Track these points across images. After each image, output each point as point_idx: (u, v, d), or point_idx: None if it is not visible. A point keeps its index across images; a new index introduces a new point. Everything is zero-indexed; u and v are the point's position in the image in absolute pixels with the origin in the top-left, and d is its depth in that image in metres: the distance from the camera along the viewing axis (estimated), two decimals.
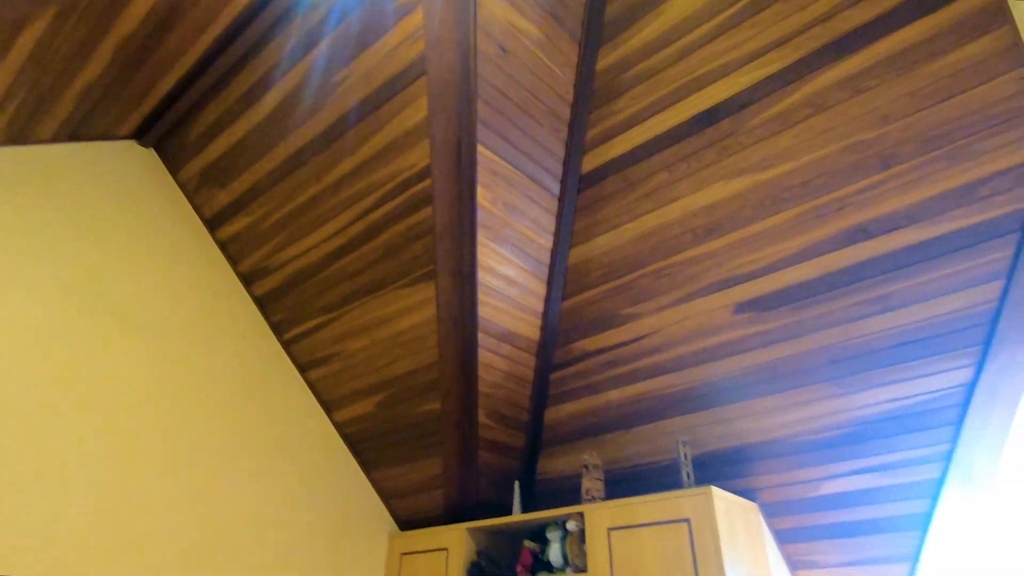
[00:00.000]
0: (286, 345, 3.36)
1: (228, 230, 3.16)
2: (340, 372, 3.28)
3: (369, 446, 3.43)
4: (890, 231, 2.19)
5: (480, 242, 2.59)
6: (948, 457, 2.35)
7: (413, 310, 2.88)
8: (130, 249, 2.86)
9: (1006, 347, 2.14)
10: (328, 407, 3.44)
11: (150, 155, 3.12)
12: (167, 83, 2.65)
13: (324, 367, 3.31)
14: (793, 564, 2.76)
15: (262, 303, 3.30)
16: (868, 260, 2.26)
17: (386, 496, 3.55)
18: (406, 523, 3.58)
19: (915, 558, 2.48)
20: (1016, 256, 2.05)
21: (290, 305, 3.22)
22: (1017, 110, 1.94)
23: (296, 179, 2.80)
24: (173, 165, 3.12)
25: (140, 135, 3.02)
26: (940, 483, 2.38)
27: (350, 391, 3.31)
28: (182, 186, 3.16)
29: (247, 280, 3.26)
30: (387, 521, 3.58)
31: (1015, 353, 2.14)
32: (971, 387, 2.23)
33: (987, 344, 2.17)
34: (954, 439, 2.32)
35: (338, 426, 3.47)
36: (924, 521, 2.43)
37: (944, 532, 2.41)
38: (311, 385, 3.41)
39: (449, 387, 2.96)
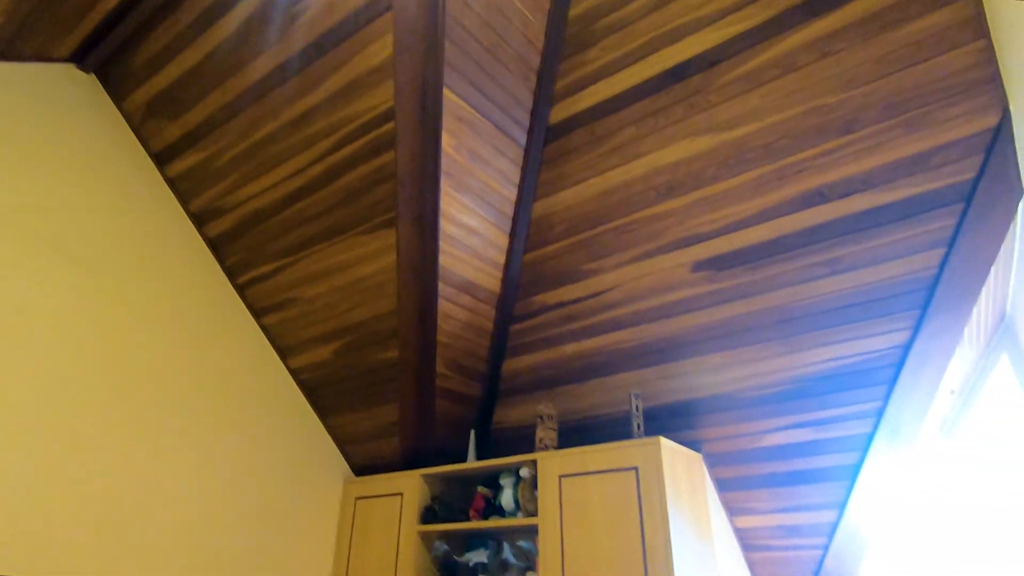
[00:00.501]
0: (240, 289, 3.27)
1: (178, 166, 3.01)
2: (297, 318, 3.23)
3: (325, 393, 3.41)
4: (845, 196, 2.25)
5: (443, 190, 2.55)
6: (879, 414, 2.49)
7: (373, 257, 2.83)
8: (69, 180, 2.70)
9: (941, 312, 2.26)
10: (284, 353, 3.39)
11: (91, 81, 2.91)
12: (108, 1, 2.46)
13: (280, 312, 3.25)
14: (731, 511, 2.92)
15: (215, 245, 3.18)
16: (822, 224, 2.32)
17: (341, 442, 3.56)
18: (361, 469, 3.61)
19: (842, 505, 2.66)
20: (958, 226, 2.15)
21: (245, 248, 3.12)
22: (973, 82, 2.00)
23: (252, 114, 2.67)
24: (117, 93, 2.93)
25: (80, 58, 2.81)
26: (870, 438, 2.53)
27: (307, 337, 3.27)
28: (127, 116, 2.98)
29: (199, 220, 3.14)
30: (342, 466, 3.61)
31: (948, 319, 2.26)
32: (906, 349, 2.36)
33: (924, 309, 2.29)
34: (886, 397, 2.46)
35: (294, 372, 3.43)
36: (853, 472, 2.60)
37: (870, 482, 2.58)
38: (266, 331, 3.35)
39: (408, 336, 2.95)
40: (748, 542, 2.94)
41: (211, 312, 3.13)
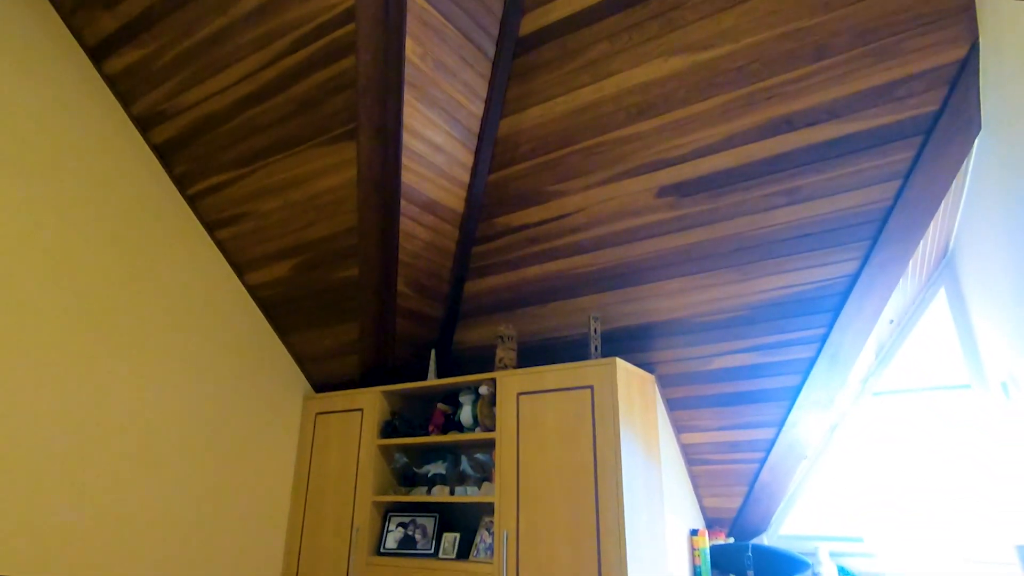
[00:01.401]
0: (191, 201, 3.13)
1: (117, 63, 2.77)
2: (252, 233, 3.12)
3: (284, 310, 3.37)
4: (811, 125, 2.25)
5: (406, 101, 2.43)
6: (822, 340, 2.62)
7: (332, 171, 2.72)
8: None
9: (890, 244, 2.35)
10: (240, 269, 3.30)
11: None
12: None
13: (234, 227, 3.13)
14: (679, 428, 3.08)
15: (161, 152, 3.00)
16: (786, 153, 2.33)
17: (301, 360, 3.56)
18: (321, 386, 3.64)
19: (780, 424, 2.84)
20: (915, 159, 2.19)
21: (194, 157, 2.95)
22: (946, 11, 1.98)
23: (198, 7, 2.45)
24: None
25: None
26: (812, 362, 2.67)
27: (263, 253, 3.18)
28: (55, 3, 2.70)
29: (143, 125, 2.93)
30: (302, 383, 3.62)
31: (896, 250, 2.35)
32: (853, 279, 2.45)
33: (874, 240, 2.36)
34: (830, 325, 2.58)
35: (251, 289, 3.36)
36: (793, 394, 2.76)
37: (807, 403, 2.75)
38: (220, 245, 3.24)
39: (368, 254, 2.90)
40: (692, 457, 3.13)
41: (160, 224, 2.99)
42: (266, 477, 3.31)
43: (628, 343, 2.98)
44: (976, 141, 2.17)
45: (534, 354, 3.28)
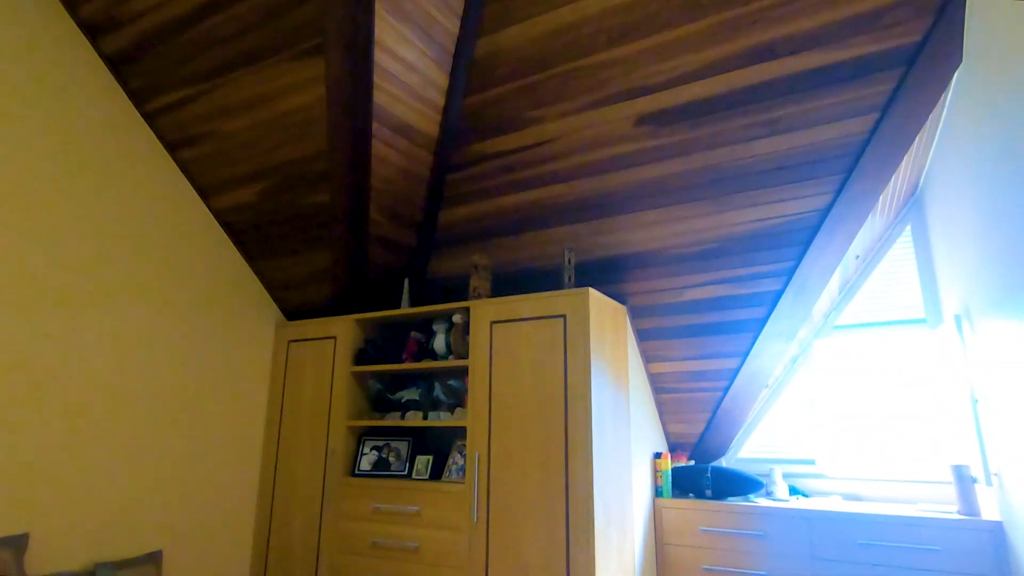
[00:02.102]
0: (149, 119, 2.96)
1: None
2: (216, 155, 2.99)
3: (253, 237, 3.29)
4: (793, 53, 2.21)
5: (378, 13, 2.30)
6: (790, 273, 2.68)
7: (299, 89, 2.59)
8: None
9: (863, 178, 2.36)
10: (204, 193, 3.18)
11: None
12: None
13: (197, 147, 2.99)
14: (647, 358, 3.17)
15: (114, 64, 2.81)
16: (767, 81, 2.29)
17: (272, 287, 3.51)
18: (293, 313, 3.61)
19: (745, 354, 2.93)
20: (895, 91, 2.17)
21: (150, 70, 2.77)
22: None
23: None
24: None
25: None
26: (778, 295, 2.74)
27: (229, 177, 3.06)
28: None
29: (91, 32, 2.73)
30: (273, 311, 3.59)
31: (868, 184, 2.37)
32: (824, 213, 2.48)
33: (848, 174, 2.38)
34: (799, 258, 2.63)
35: (218, 214, 3.26)
36: (759, 325, 2.84)
37: (772, 334, 2.83)
38: (183, 167, 3.10)
39: (339, 179, 2.82)
40: (658, 385, 3.23)
41: (117, 142, 2.84)
42: (240, 403, 3.32)
43: (601, 274, 3.00)
44: (956, 74, 2.16)
45: (508, 284, 3.29)
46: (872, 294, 3.18)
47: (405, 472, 2.98)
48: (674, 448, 3.39)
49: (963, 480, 2.52)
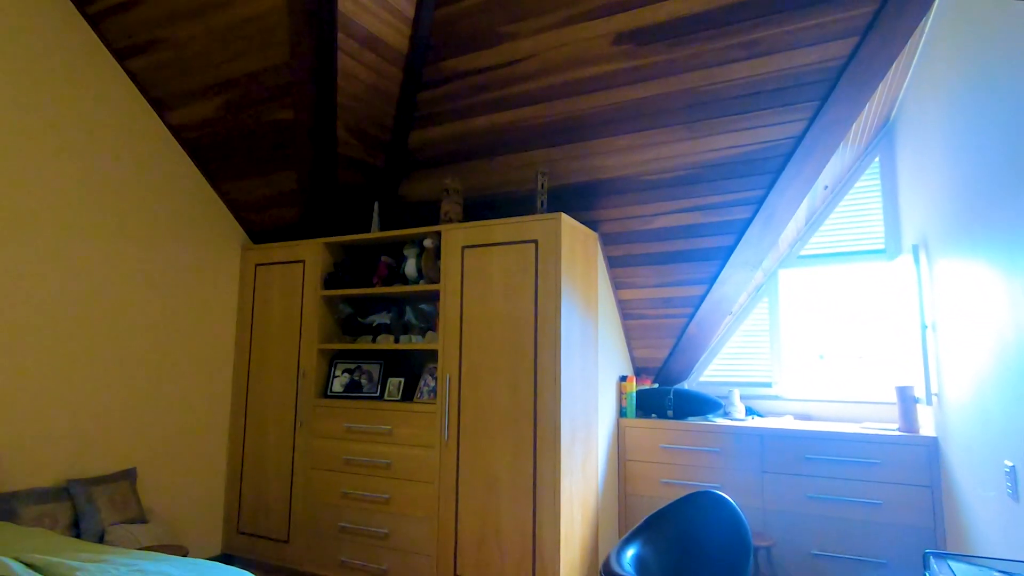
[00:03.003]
0: (94, 21, 2.74)
1: None
2: (170, 64, 2.81)
3: (214, 155, 3.15)
4: None
5: None
6: (760, 202, 2.70)
7: None
8: None
9: (837, 105, 2.35)
10: (159, 106, 3.01)
11: None
12: None
13: (148, 56, 2.80)
14: (616, 284, 3.21)
15: None
16: (749, 0, 2.22)
17: (237, 209, 3.41)
18: (259, 235, 3.53)
19: (711, 282, 3.00)
20: (876, 13, 2.13)
21: None
22: None
23: None
24: None
25: None
26: (747, 223, 2.77)
27: (185, 89, 2.89)
28: None
29: None
30: (239, 234, 3.50)
31: (843, 111, 2.36)
32: (798, 140, 2.48)
33: (824, 101, 2.36)
34: (769, 187, 2.65)
35: (175, 130, 3.10)
36: (726, 253, 2.89)
37: (737, 262, 2.89)
38: (134, 77, 2.91)
39: (303, 93, 2.69)
40: (627, 311, 3.30)
41: (60, 48, 2.63)
42: (208, 325, 3.29)
43: (574, 200, 2.99)
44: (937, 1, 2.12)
45: (479, 209, 3.25)
46: (837, 226, 3.25)
47: (377, 394, 3.03)
48: (639, 372, 3.51)
49: (906, 400, 2.68)
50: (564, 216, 2.62)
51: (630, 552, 1.05)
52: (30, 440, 2.51)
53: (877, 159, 3.16)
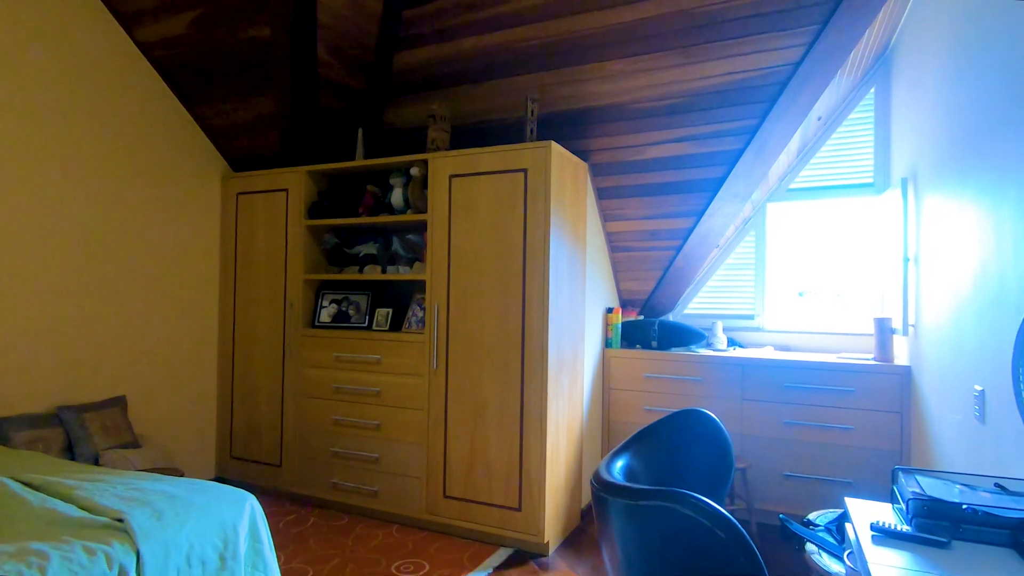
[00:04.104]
0: None
1: None
2: None
3: (188, 76, 3.00)
4: None
5: None
6: (752, 132, 2.66)
7: None
8: None
9: (837, 30, 2.28)
10: (127, 21, 2.83)
11: None
12: None
13: None
14: (605, 216, 3.20)
15: None
16: None
17: (215, 135, 3.28)
18: (240, 164, 3.43)
19: (699, 214, 2.99)
20: None
21: None
22: None
23: None
24: None
25: None
26: (739, 154, 2.74)
27: (152, 4, 2.71)
28: None
29: None
30: (218, 162, 3.39)
31: (842, 37, 2.29)
32: (796, 66, 2.42)
33: (824, 24, 2.29)
34: (763, 116, 2.60)
35: (145, 48, 2.93)
36: (716, 185, 2.87)
37: (726, 195, 2.88)
38: None
39: (281, 9, 2.54)
40: (615, 244, 3.30)
41: None
42: (191, 254, 3.24)
43: (564, 129, 2.92)
44: None
45: (467, 137, 3.17)
46: (827, 159, 3.23)
47: (365, 324, 3.04)
48: (625, 304, 3.55)
49: (883, 331, 2.76)
50: (555, 145, 2.56)
51: (619, 463, 1.10)
52: (16, 368, 2.50)
53: (872, 90, 3.11)
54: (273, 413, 3.20)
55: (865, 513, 1.31)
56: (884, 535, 1.19)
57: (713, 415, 1.37)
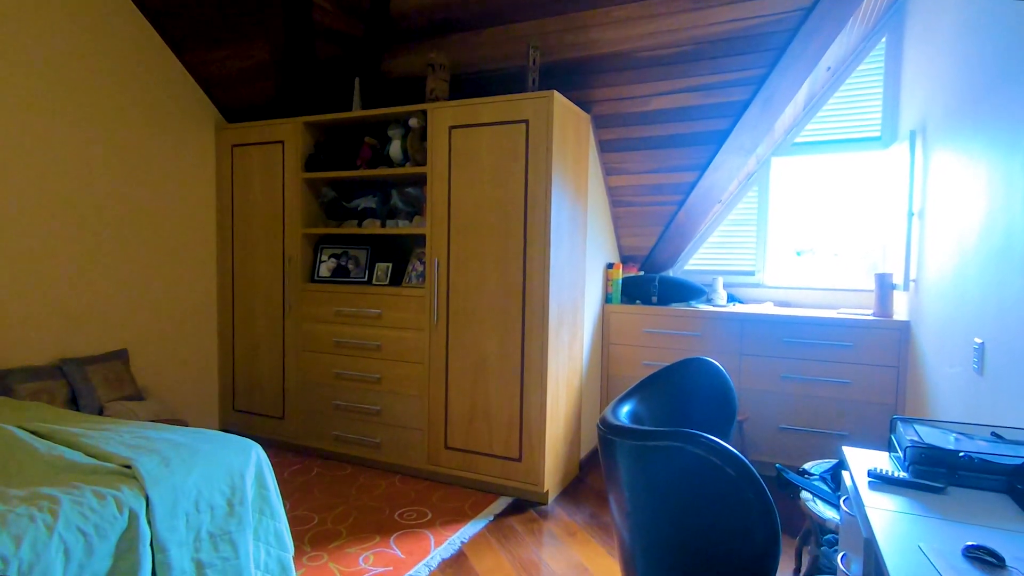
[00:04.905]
0: None
1: None
2: None
3: (176, 21, 2.89)
4: None
5: None
6: (760, 82, 2.59)
7: None
8: None
9: None
10: None
11: None
12: None
13: None
14: (607, 170, 3.15)
15: None
16: None
17: (207, 84, 3.19)
18: (234, 115, 3.34)
19: (703, 168, 2.95)
20: None
21: None
22: None
23: None
24: None
25: None
26: (745, 105, 2.68)
27: None
28: None
29: None
30: (212, 112, 3.31)
31: None
32: (807, 12, 2.34)
33: None
34: (771, 65, 2.53)
35: None
36: (721, 138, 2.81)
37: (732, 147, 2.83)
38: None
39: None
40: (616, 198, 3.26)
41: None
42: (187, 208, 3.20)
43: (566, 78, 2.84)
44: None
45: (466, 87, 3.09)
46: (834, 112, 3.16)
47: (365, 279, 3.03)
48: (626, 260, 3.54)
49: (884, 287, 2.76)
50: (557, 95, 2.50)
51: (625, 408, 1.11)
52: (16, 321, 2.49)
53: (884, 40, 3.02)
54: (275, 367, 3.23)
55: (862, 461, 1.33)
56: (881, 481, 1.21)
57: (718, 363, 1.37)
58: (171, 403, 3.15)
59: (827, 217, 3.22)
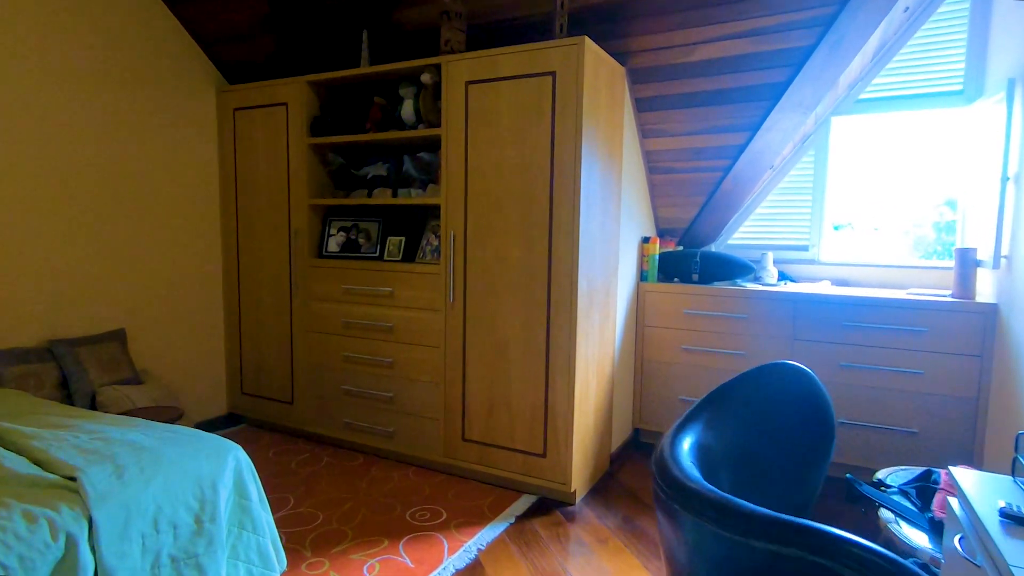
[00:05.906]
0: None
1: None
2: None
3: None
4: None
5: None
6: (828, 23, 2.21)
7: None
8: None
9: None
10: None
11: None
12: None
13: None
14: (644, 132, 2.81)
15: None
16: None
17: (204, 41, 2.93)
18: (235, 74, 3.08)
19: (755, 128, 2.58)
20: None
21: None
22: None
23: None
24: None
25: None
26: (809, 51, 2.30)
27: None
28: None
29: None
30: (211, 72, 3.05)
31: None
32: None
33: None
34: (842, 2, 2.15)
35: None
36: (778, 92, 2.45)
37: (790, 103, 2.46)
38: None
39: None
40: (653, 164, 2.92)
41: None
42: (188, 178, 2.97)
43: (599, 26, 2.49)
44: None
45: (486, 37, 2.76)
46: (907, 62, 2.75)
47: (376, 254, 2.77)
48: (663, 233, 3.21)
49: (966, 264, 2.39)
50: (588, 41, 2.17)
51: (687, 439, 0.82)
52: (2, 299, 2.31)
53: None
54: (282, 348, 3.01)
55: (977, 486, 1.02)
56: (1020, 524, 0.90)
57: (806, 367, 1.06)
58: (173, 387, 2.97)
59: (896, 184, 2.83)
